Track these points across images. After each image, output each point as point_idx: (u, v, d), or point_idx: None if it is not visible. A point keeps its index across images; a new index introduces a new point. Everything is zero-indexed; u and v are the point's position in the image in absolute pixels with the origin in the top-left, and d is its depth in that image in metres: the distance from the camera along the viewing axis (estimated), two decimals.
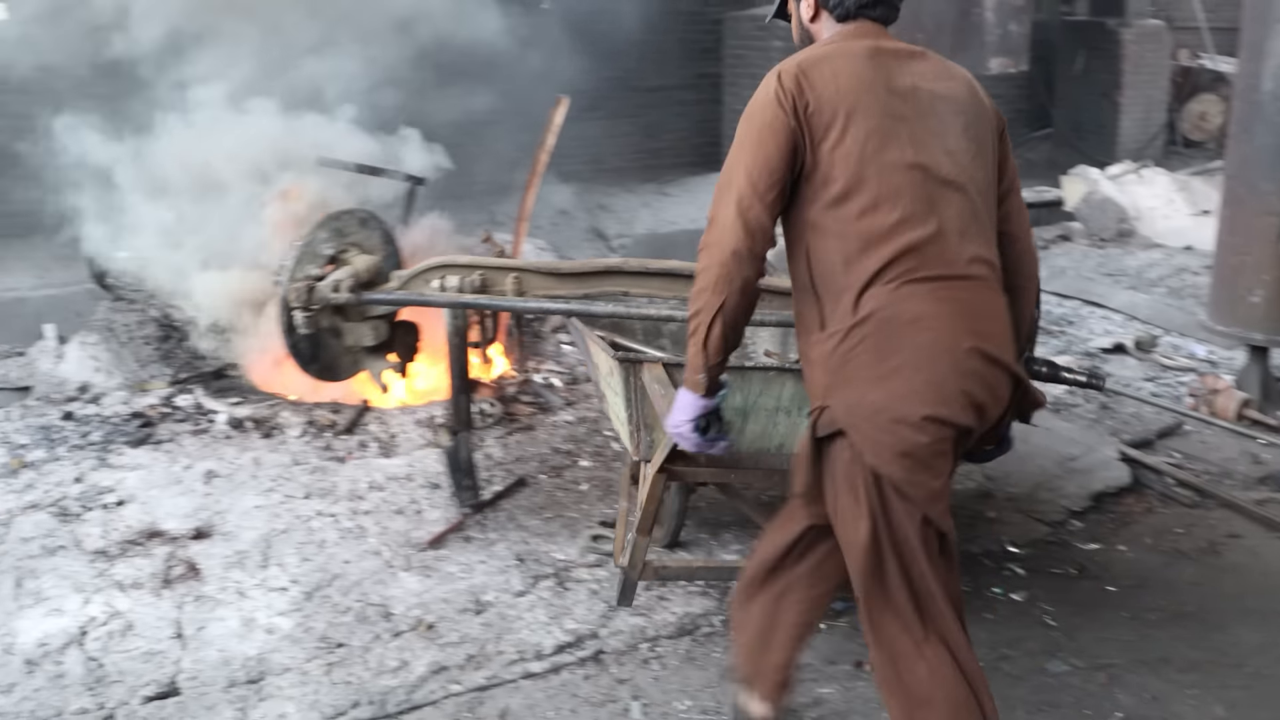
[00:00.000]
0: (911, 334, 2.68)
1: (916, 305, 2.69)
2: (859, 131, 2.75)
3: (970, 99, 2.93)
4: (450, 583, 4.19)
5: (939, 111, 2.85)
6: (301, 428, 5.53)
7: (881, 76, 2.82)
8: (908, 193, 2.74)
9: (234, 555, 4.42)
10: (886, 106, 2.79)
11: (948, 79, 2.93)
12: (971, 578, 4.28)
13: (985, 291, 2.78)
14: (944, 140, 2.83)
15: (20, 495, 4.98)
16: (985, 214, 2.85)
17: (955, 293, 2.72)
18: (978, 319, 2.73)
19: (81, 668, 3.74)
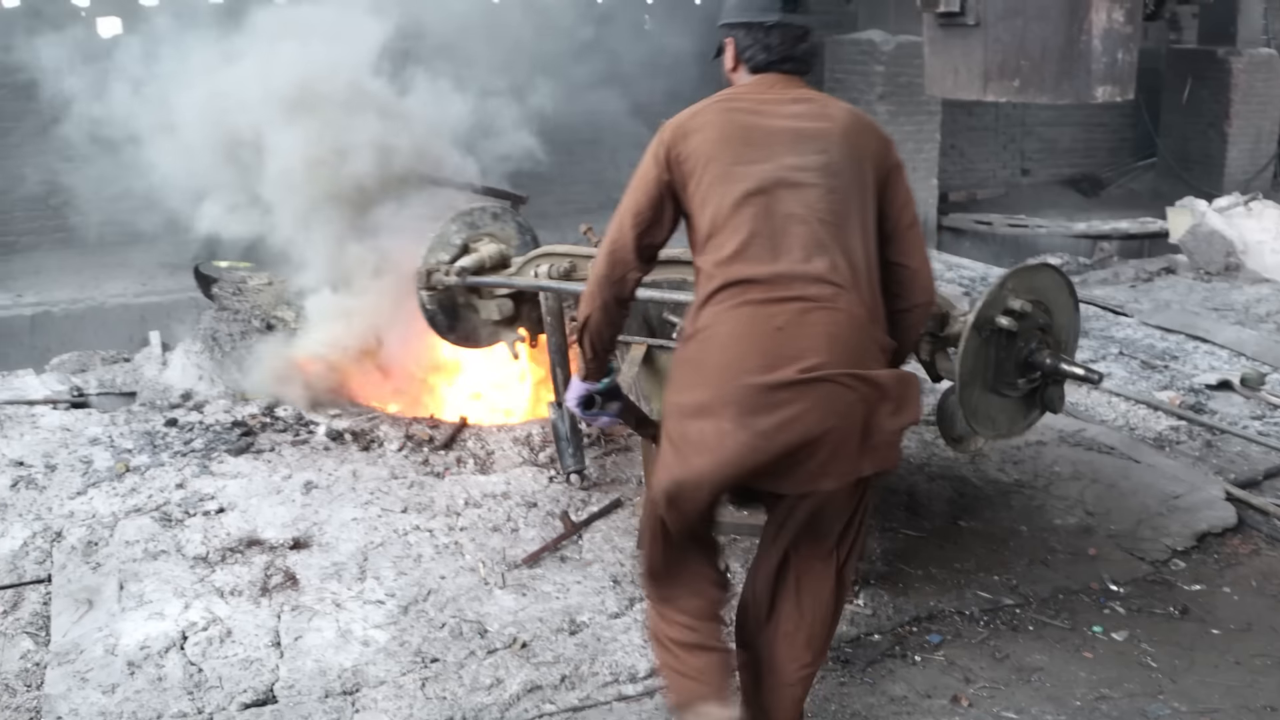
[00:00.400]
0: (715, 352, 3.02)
1: (731, 325, 3.01)
2: (711, 177, 3.10)
3: (844, 137, 3.16)
4: (545, 602, 4.18)
5: (800, 150, 3.11)
6: (400, 442, 5.56)
7: (747, 123, 3.16)
8: (747, 226, 3.03)
9: (331, 566, 4.46)
10: (739, 154, 3.10)
11: (821, 119, 3.18)
12: (1070, 615, 4.19)
13: (822, 311, 2.97)
14: (798, 175, 3.08)
15: (125, 499, 5.08)
16: (837, 241, 3.04)
17: (783, 313, 2.97)
18: (800, 338, 2.94)
19: (181, 671, 3.79)
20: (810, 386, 2.90)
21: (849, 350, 2.97)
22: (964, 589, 4.32)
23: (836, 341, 2.95)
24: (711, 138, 3.13)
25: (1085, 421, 6.01)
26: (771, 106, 3.20)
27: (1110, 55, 5.71)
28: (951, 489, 5.14)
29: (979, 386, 3.88)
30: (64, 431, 5.86)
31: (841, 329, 2.97)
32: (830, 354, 2.93)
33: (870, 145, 3.21)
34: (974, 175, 13.49)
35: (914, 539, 4.70)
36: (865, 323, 3.03)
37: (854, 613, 4.12)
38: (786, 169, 3.08)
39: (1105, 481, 5.21)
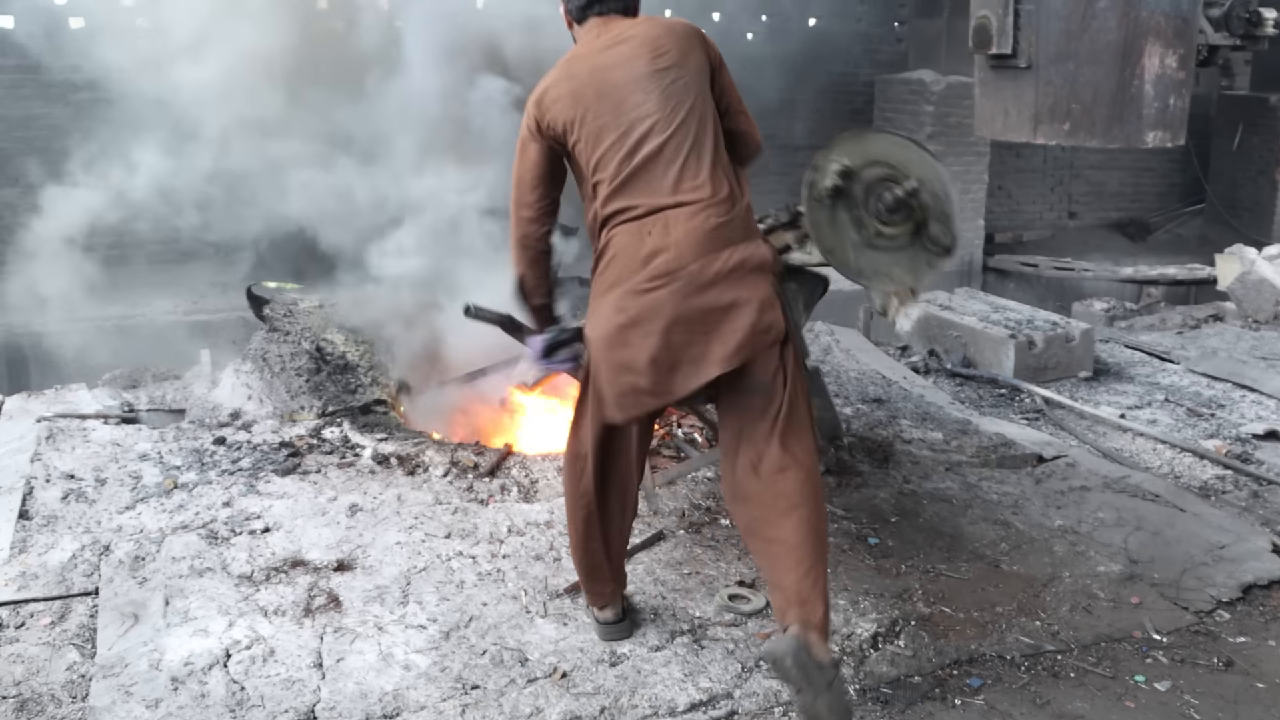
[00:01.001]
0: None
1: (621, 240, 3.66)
2: (583, 134, 3.68)
3: (669, 57, 3.69)
4: (586, 632, 4.19)
5: (639, 91, 3.65)
6: (445, 467, 5.60)
7: (590, 82, 3.69)
8: (615, 159, 3.63)
9: (374, 590, 4.49)
10: (595, 110, 3.66)
11: (642, 55, 3.69)
12: (1112, 663, 4.16)
13: (681, 222, 3.59)
14: (644, 121, 3.63)
15: (172, 516, 5.14)
16: (691, 144, 3.64)
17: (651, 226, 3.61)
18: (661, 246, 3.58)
19: (224, 689, 3.82)
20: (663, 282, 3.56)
21: (700, 247, 3.56)
22: (1005, 633, 4.30)
23: (687, 243, 3.55)
24: (568, 104, 3.68)
25: (1130, 468, 5.98)
26: (602, 57, 3.71)
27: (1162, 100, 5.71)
28: (994, 532, 5.12)
29: (852, 248, 4.05)
30: (114, 446, 5.94)
31: (695, 233, 3.57)
32: (681, 253, 3.55)
33: (690, 50, 3.73)
34: (1021, 217, 13.46)
35: (955, 581, 4.68)
36: (719, 224, 3.61)
37: (894, 654, 4.12)
38: (633, 116, 3.63)
39: (1149, 529, 5.18)
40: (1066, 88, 5.70)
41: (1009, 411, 7.07)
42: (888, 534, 5.08)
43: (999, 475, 5.79)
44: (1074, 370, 7.78)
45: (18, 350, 8.21)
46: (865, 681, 3.95)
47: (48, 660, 4.05)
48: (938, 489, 5.59)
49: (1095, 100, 5.70)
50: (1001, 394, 7.40)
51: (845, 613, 4.37)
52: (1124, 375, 7.86)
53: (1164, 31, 5.56)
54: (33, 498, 5.31)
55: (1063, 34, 5.63)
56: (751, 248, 3.66)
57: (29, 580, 4.58)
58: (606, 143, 3.65)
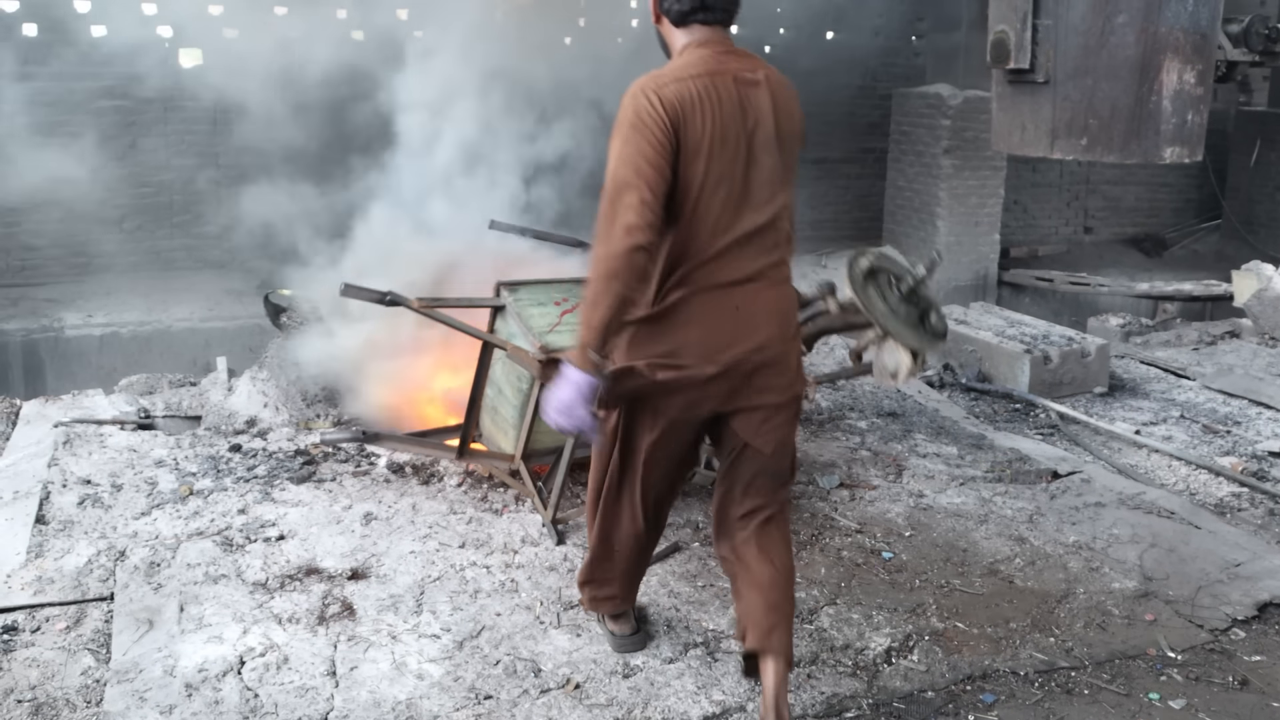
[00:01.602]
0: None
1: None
2: (710, 169, 3.34)
3: (784, 118, 3.48)
4: (599, 643, 4.19)
5: (768, 146, 3.44)
6: (460, 477, 5.61)
7: (734, 114, 3.36)
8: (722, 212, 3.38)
9: (388, 598, 4.50)
10: (733, 152, 3.37)
11: (769, 102, 3.44)
12: (1126, 680, 4.15)
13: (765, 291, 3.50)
14: (764, 185, 3.44)
15: (188, 522, 5.15)
16: (781, 226, 3.53)
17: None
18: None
19: (238, 696, 3.83)
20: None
21: (783, 323, 3.55)
22: (1018, 649, 4.30)
23: (774, 317, 3.50)
24: (711, 129, 3.30)
25: (1145, 485, 5.97)
26: (741, 89, 3.38)
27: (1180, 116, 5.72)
28: (1008, 547, 5.12)
29: (882, 313, 4.53)
30: (130, 452, 5.96)
31: (781, 304, 3.54)
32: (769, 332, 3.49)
33: (796, 115, 3.55)
34: (1036, 231, 13.45)
35: (969, 596, 4.68)
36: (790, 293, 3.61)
37: (908, 668, 4.12)
38: (758, 170, 3.42)
39: (1165, 546, 5.17)
40: (1084, 103, 5.71)
41: (1024, 426, 7.06)
42: (902, 548, 5.08)
43: (1013, 490, 5.78)
44: (1089, 386, 7.76)
45: (35, 355, 8.24)
46: (878, 696, 3.95)
47: (63, 665, 4.06)
48: (952, 503, 5.58)
49: (1113, 115, 5.71)
50: (1016, 409, 7.39)
51: (859, 626, 4.37)
52: (1139, 391, 7.84)
53: (1182, 47, 5.56)
54: (49, 503, 5.33)
55: (1081, 49, 5.64)
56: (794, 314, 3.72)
57: (45, 585, 4.60)
58: (721, 192, 3.35)
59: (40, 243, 9.22)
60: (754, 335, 3.44)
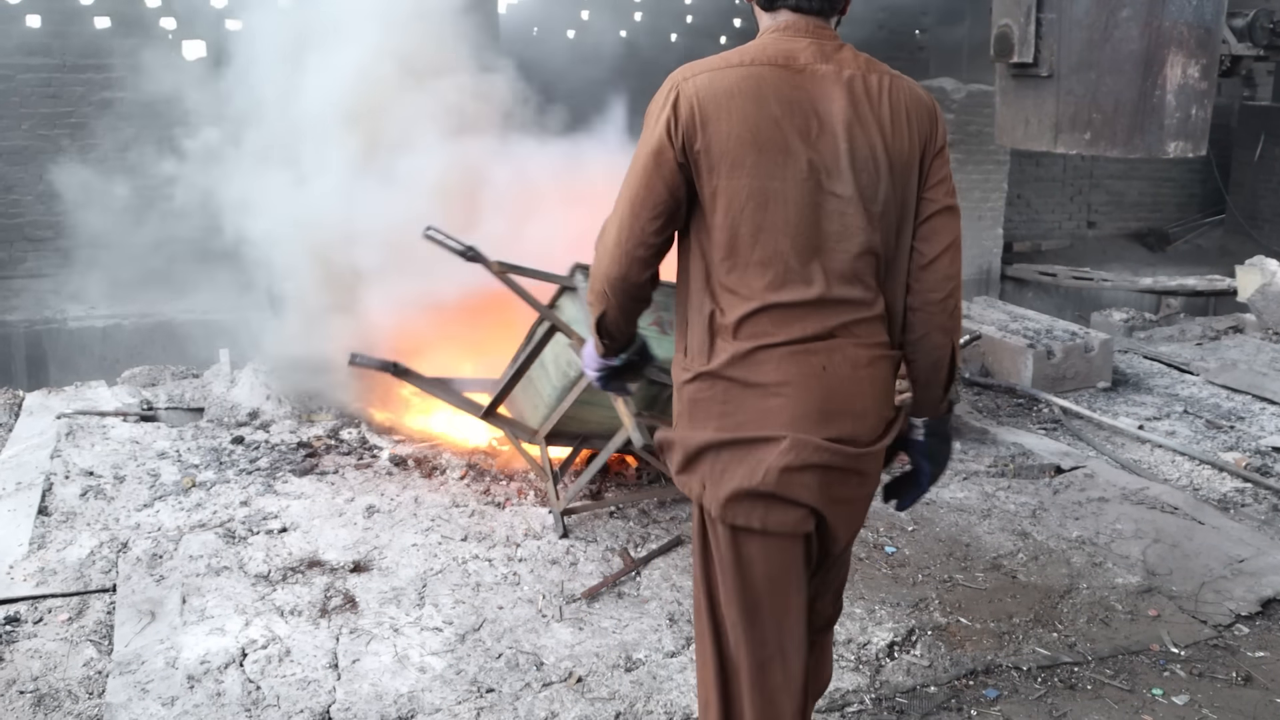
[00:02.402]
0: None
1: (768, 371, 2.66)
2: (738, 179, 2.62)
3: (895, 128, 2.70)
4: (602, 637, 4.19)
5: (847, 153, 2.65)
6: (462, 470, 5.61)
7: (785, 130, 2.62)
8: (776, 243, 2.64)
9: (390, 591, 4.50)
10: (772, 155, 2.61)
11: (871, 109, 2.69)
12: (1130, 676, 4.14)
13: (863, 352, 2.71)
14: (840, 187, 2.65)
15: (190, 514, 5.15)
16: (876, 260, 2.72)
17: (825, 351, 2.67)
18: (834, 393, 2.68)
19: (240, 688, 3.83)
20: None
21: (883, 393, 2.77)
22: (1021, 644, 4.29)
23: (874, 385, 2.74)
24: (738, 130, 2.61)
25: (1149, 480, 5.96)
26: (803, 86, 2.66)
27: (1184, 111, 5.71)
28: (1011, 542, 5.11)
29: None
30: (133, 444, 5.96)
31: (877, 372, 2.75)
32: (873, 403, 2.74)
33: (921, 127, 2.75)
34: (1039, 226, 13.44)
35: (972, 591, 4.67)
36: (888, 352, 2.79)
37: (910, 663, 4.11)
38: (826, 179, 2.64)
39: (1168, 541, 5.16)
40: (1088, 97, 5.70)
41: (1027, 421, 7.05)
42: (905, 542, 5.07)
43: (1016, 485, 5.78)
44: (1092, 380, 7.75)
45: (38, 346, 8.24)
46: (881, 691, 3.94)
47: (65, 656, 4.06)
48: (955, 498, 5.58)
49: (1116, 110, 5.70)
50: (1019, 403, 7.38)
51: (862, 621, 4.36)
52: (1143, 386, 7.83)
53: (1187, 41, 5.55)
54: (52, 494, 5.34)
55: (1084, 43, 5.63)
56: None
57: (48, 576, 4.60)
58: (763, 201, 2.65)
59: (45, 234, 9.23)
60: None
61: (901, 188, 2.71)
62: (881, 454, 2.81)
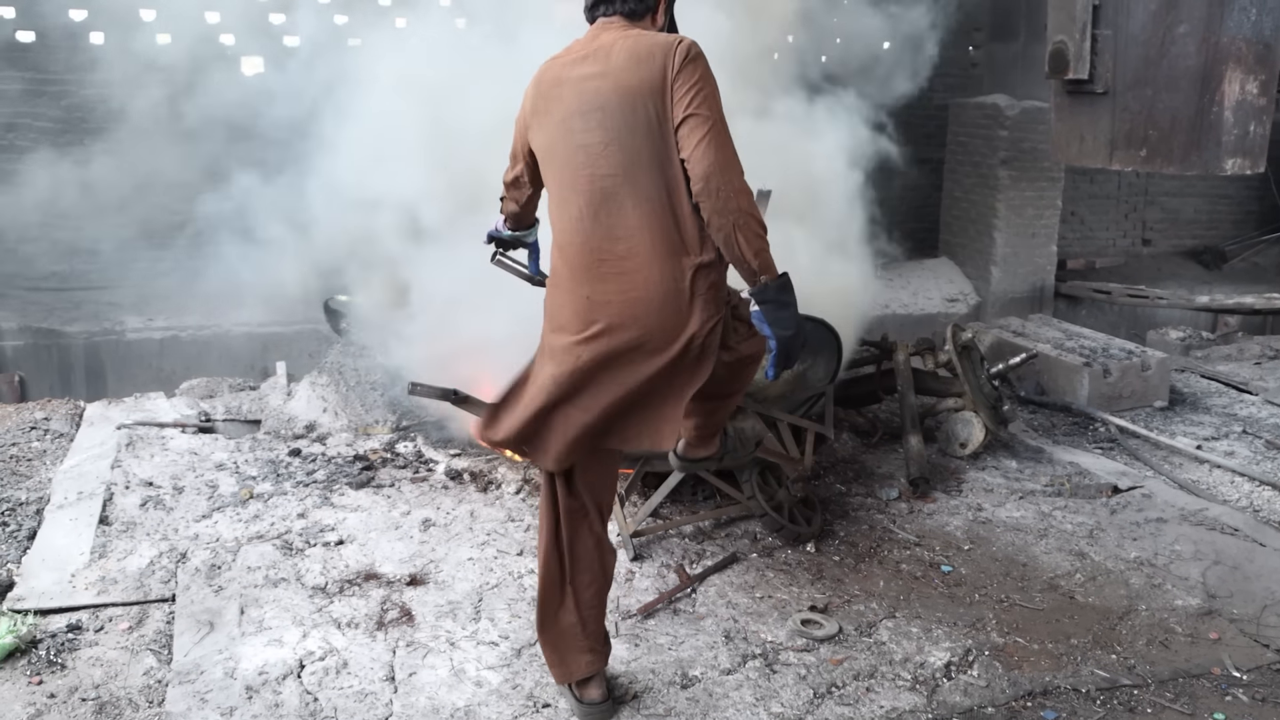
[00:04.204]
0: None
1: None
2: (536, 139, 3.56)
3: (619, 82, 3.32)
4: (658, 654, 4.19)
5: (582, 108, 3.38)
6: (518, 484, 5.63)
7: (551, 88, 3.47)
8: (553, 189, 3.52)
9: (446, 605, 4.52)
10: (543, 117, 3.51)
11: (600, 72, 3.37)
12: (1190, 700, 4.09)
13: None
14: (581, 137, 3.38)
15: (248, 525, 5.20)
16: (622, 195, 3.34)
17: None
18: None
19: (298, 700, 3.85)
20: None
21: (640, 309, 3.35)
22: (1080, 666, 4.25)
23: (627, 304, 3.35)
24: (530, 98, 3.55)
25: (1208, 501, 5.89)
26: (570, 67, 3.45)
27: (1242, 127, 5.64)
28: (1068, 562, 5.07)
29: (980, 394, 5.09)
30: (192, 455, 6.03)
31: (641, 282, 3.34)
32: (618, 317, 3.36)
33: (644, 75, 3.30)
34: (1093, 243, 13.30)
35: (1029, 611, 4.63)
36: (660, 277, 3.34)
37: (968, 684, 4.08)
38: (573, 131, 3.39)
39: (1228, 563, 5.10)
40: (1144, 113, 5.65)
41: (1083, 440, 6.99)
42: (961, 562, 5.04)
43: (1073, 505, 5.73)
44: (1149, 399, 7.68)
45: (96, 357, 8.34)
46: (938, 711, 3.92)
47: (125, 664, 4.11)
48: (1011, 517, 5.54)
49: (1173, 126, 5.64)
50: (1075, 422, 7.32)
51: (918, 640, 4.34)
52: (1200, 406, 7.74)
53: (1245, 57, 5.49)
54: (113, 504, 5.40)
55: (1141, 59, 5.58)
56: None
57: (108, 585, 4.65)
58: (542, 157, 3.64)
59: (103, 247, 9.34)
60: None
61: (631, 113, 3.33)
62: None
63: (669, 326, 3.36)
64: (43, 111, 8.82)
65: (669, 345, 3.37)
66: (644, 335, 3.37)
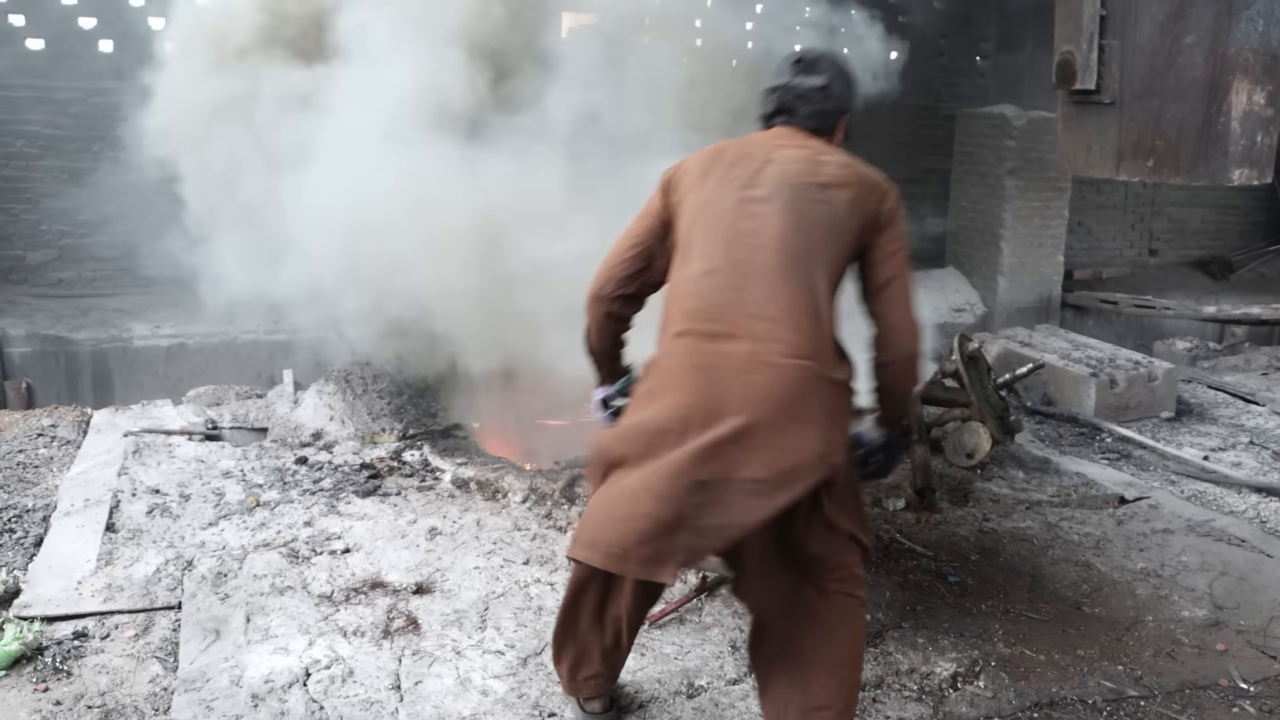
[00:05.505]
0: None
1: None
2: (692, 202, 3.34)
3: (829, 188, 3.26)
4: (664, 663, 4.19)
5: (772, 185, 3.26)
6: (524, 493, 5.63)
7: (730, 156, 3.37)
8: (706, 252, 3.25)
9: (453, 614, 4.52)
10: (717, 182, 3.32)
11: (808, 163, 3.31)
12: (1197, 711, 4.08)
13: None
14: (759, 208, 3.24)
15: (254, 533, 5.20)
16: (790, 281, 3.16)
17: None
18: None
19: (303, 708, 3.85)
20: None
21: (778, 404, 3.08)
22: (1087, 677, 4.24)
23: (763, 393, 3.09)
24: (697, 165, 3.39)
25: (1215, 512, 5.88)
26: (760, 146, 3.39)
27: (1249, 138, 5.63)
28: (1075, 573, 5.06)
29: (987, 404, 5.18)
30: (198, 463, 6.03)
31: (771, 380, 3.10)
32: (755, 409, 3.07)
33: (856, 194, 3.27)
34: (1100, 253, 13.29)
35: (1036, 621, 4.63)
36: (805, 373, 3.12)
37: (974, 694, 4.08)
38: (750, 199, 3.26)
39: (1235, 574, 5.09)
40: (1151, 124, 5.64)
41: (1089, 451, 6.98)
42: (967, 572, 5.04)
43: (1080, 515, 5.72)
44: (1156, 410, 7.67)
45: (103, 364, 8.35)
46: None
47: (131, 672, 4.11)
48: (1018, 528, 5.53)
49: (1180, 137, 5.63)
50: (1082, 433, 7.31)
51: (924, 651, 4.33)
52: (1207, 416, 7.74)
53: (1252, 68, 5.48)
54: (119, 511, 5.41)
55: (1148, 70, 5.58)
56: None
57: (114, 592, 4.65)
58: (701, 218, 3.42)
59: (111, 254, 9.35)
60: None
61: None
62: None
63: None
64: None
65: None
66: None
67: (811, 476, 3.11)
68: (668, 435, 3.10)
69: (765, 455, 3.04)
